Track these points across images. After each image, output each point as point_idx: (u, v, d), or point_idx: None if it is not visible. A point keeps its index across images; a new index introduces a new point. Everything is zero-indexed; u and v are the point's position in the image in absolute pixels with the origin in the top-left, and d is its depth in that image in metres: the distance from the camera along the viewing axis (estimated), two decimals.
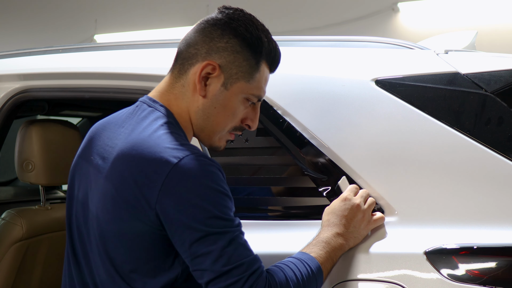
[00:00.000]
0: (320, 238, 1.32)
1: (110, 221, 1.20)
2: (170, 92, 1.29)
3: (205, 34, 1.27)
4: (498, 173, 1.33)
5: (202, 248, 1.13)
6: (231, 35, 1.25)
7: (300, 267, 1.23)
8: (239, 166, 1.56)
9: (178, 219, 1.14)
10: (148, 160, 1.16)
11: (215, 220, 1.14)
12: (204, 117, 1.28)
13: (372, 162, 1.41)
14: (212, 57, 1.25)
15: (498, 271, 1.25)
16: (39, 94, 1.88)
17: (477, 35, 1.89)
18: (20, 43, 6.77)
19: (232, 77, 1.26)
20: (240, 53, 1.26)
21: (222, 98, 1.27)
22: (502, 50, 2.52)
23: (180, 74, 1.28)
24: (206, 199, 1.14)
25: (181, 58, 1.29)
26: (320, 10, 6.00)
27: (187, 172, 1.14)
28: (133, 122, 1.26)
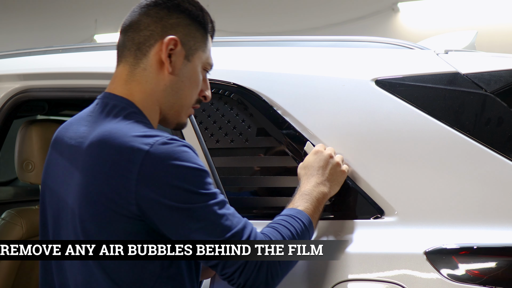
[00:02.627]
0: (302, 192, 1.35)
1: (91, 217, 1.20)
2: (130, 80, 1.29)
3: (151, 16, 1.28)
4: (498, 173, 1.33)
5: (192, 225, 1.15)
6: (178, 11, 1.29)
7: (293, 223, 1.26)
8: (239, 166, 1.56)
9: (162, 204, 1.14)
10: (119, 151, 1.16)
11: (197, 196, 1.15)
12: (173, 93, 1.30)
13: (372, 162, 1.41)
14: (169, 33, 1.27)
15: (498, 271, 1.25)
16: (39, 94, 1.88)
17: (477, 35, 1.89)
18: (20, 43, 6.77)
19: (191, 49, 1.30)
20: (191, 25, 1.30)
21: (187, 71, 1.30)
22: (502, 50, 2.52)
23: (138, 59, 1.28)
24: (184, 179, 1.15)
25: (135, 44, 1.28)
26: (320, 10, 6.00)
27: (160, 156, 1.15)
28: (95, 119, 1.26)
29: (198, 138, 1.57)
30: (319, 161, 1.39)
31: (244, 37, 1.81)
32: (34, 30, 7.30)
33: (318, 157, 1.40)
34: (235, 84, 1.56)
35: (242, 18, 6.43)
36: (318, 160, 1.40)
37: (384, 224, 1.37)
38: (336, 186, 1.39)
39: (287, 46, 1.70)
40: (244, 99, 1.54)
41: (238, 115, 1.55)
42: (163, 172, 1.14)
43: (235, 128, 1.55)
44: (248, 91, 1.54)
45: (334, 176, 1.39)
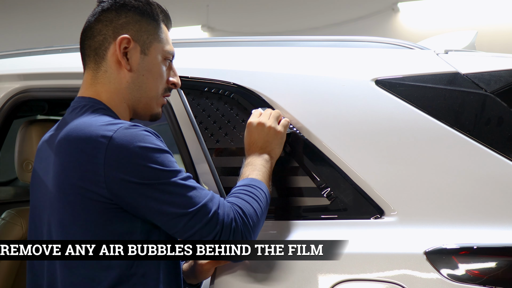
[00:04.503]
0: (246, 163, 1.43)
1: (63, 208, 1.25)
2: (95, 83, 1.36)
3: (102, 20, 1.36)
4: (498, 173, 1.33)
5: (163, 200, 1.22)
6: (125, 10, 1.36)
7: (256, 192, 1.34)
8: (239, 166, 1.55)
9: (130, 183, 1.21)
10: (85, 139, 1.23)
11: (163, 173, 1.22)
12: (137, 88, 1.37)
13: (372, 162, 1.41)
14: (120, 33, 1.34)
15: (498, 271, 1.25)
16: (39, 94, 1.88)
17: (477, 35, 1.89)
18: (20, 43, 6.77)
19: (146, 43, 1.36)
20: (141, 21, 1.36)
21: (146, 64, 1.36)
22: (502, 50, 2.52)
23: (98, 64, 1.36)
24: (149, 158, 1.22)
25: (92, 49, 1.36)
26: (320, 10, 6.00)
27: (124, 140, 1.22)
28: (66, 121, 1.33)
29: (198, 138, 1.57)
30: (251, 134, 1.45)
31: (244, 37, 1.81)
32: (34, 30, 7.30)
33: (248, 130, 1.46)
34: (235, 84, 1.56)
35: (242, 18, 6.43)
36: (250, 133, 1.45)
37: (384, 224, 1.37)
38: (277, 148, 1.45)
39: (287, 46, 1.70)
40: (244, 99, 1.54)
41: (238, 115, 1.55)
42: (128, 154, 1.21)
43: (235, 128, 1.55)
44: (248, 91, 1.54)
45: (269, 141, 1.43)
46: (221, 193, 1.53)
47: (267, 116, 1.46)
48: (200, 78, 1.60)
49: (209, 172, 1.55)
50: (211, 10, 6.49)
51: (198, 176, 1.56)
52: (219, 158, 1.56)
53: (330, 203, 1.43)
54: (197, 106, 1.59)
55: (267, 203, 1.37)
